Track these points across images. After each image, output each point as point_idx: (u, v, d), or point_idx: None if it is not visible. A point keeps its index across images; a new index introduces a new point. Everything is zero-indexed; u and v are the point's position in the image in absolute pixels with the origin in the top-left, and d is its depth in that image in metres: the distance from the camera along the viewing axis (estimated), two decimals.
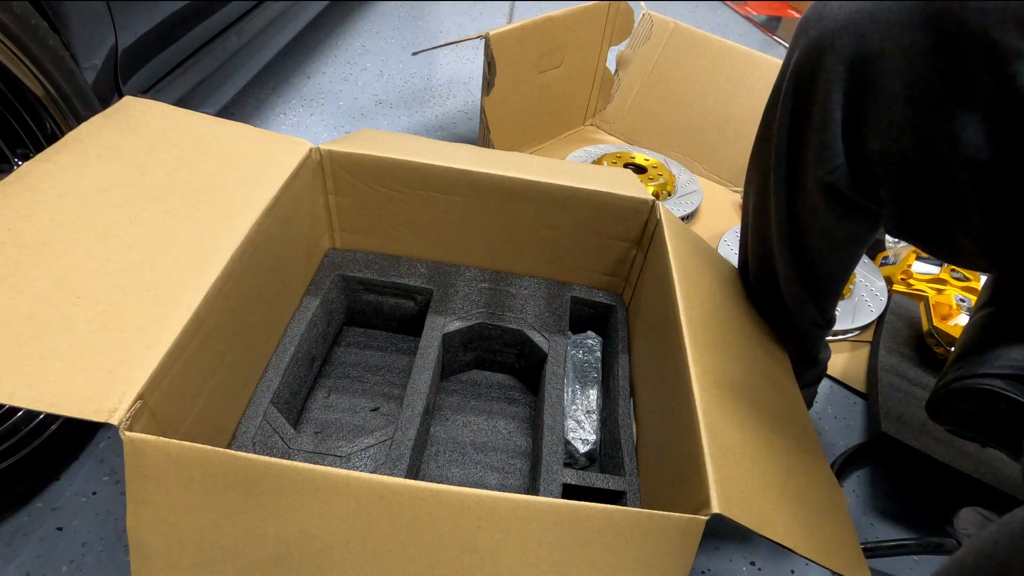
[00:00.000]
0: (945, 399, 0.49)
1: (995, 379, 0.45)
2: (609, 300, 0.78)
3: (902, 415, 0.80)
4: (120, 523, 0.63)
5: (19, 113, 0.60)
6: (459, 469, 0.68)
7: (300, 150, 0.65)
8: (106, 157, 0.55)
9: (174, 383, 0.45)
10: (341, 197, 0.72)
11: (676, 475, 0.51)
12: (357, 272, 0.75)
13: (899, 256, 1.08)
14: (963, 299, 0.96)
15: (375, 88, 1.48)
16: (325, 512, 0.40)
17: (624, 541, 0.41)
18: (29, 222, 0.47)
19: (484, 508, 0.40)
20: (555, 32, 1.12)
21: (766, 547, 0.72)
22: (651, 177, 1.16)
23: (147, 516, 0.40)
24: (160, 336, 0.44)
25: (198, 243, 0.51)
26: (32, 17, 0.57)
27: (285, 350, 0.65)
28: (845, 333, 0.98)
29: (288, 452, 0.57)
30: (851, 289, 1.02)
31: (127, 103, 0.62)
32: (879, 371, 0.88)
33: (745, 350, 0.63)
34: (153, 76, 0.83)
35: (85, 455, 0.68)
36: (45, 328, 0.42)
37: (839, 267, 0.63)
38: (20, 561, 0.59)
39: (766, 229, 0.63)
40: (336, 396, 0.73)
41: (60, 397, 0.38)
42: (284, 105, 1.37)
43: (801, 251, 0.61)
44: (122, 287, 0.46)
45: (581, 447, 0.67)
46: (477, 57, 1.68)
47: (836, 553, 0.47)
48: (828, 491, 0.55)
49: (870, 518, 0.78)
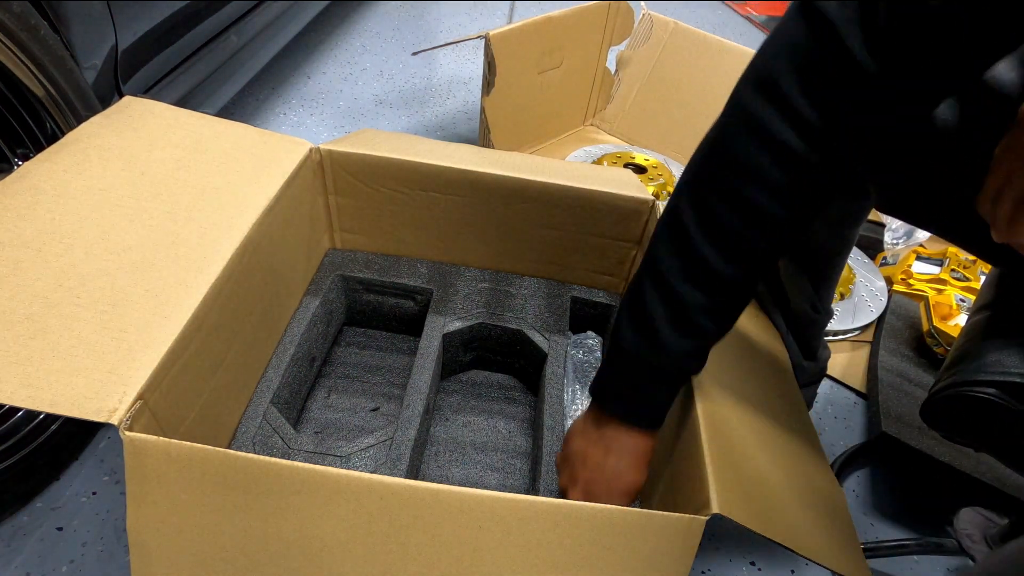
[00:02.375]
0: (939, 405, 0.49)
1: (989, 387, 0.45)
2: (609, 300, 0.78)
3: (902, 415, 0.80)
4: (120, 523, 0.63)
5: (19, 113, 0.60)
6: (459, 469, 0.68)
7: (300, 150, 0.65)
8: (106, 157, 0.55)
9: (174, 383, 0.45)
10: (341, 197, 0.72)
11: (676, 475, 0.51)
12: (357, 272, 0.75)
13: (899, 256, 1.08)
14: (963, 299, 0.96)
15: (375, 88, 1.48)
16: (325, 512, 0.40)
17: (624, 541, 0.41)
18: (29, 222, 0.47)
19: (484, 508, 0.40)
20: (555, 32, 1.12)
21: (766, 547, 0.72)
22: (651, 177, 1.16)
23: (147, 516, 0.40)
24: (160, 336, 0.44)
25: (198, 243, 0.51)
26: (32, 17, 0.57)
27: (285, 350, 0.65)
28: (845, 333, 0.98)
29: (288, 452, 0.57)
30: (851, 289, 1.02)
31: (127, 103, 0.62)
32: (879, 371, 0.88)
33: (745, 350, 0.63)
34: (153, 76, 0.83)
35: (85, 455, 0.68)
36: (45, 328, 0.42)
37: (835, 247, 0.64)
38: (20, 561, 0.59)
39: None
40: (336, 396, 0.73)
41: (60, 397, 0.38)
42: (284, 105, 1.37)
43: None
44: (122, 287, 0.46)
45: None
46: (477, 57, 1.68)
47: (836, 553, 0.47)
48: (828, 491, 0.55)
49: (870, 518, 0.78)
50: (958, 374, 0.48)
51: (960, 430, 0.50)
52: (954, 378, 0.48)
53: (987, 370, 0.46)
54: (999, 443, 0.49)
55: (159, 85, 0.84)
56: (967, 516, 0.65)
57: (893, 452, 0.78)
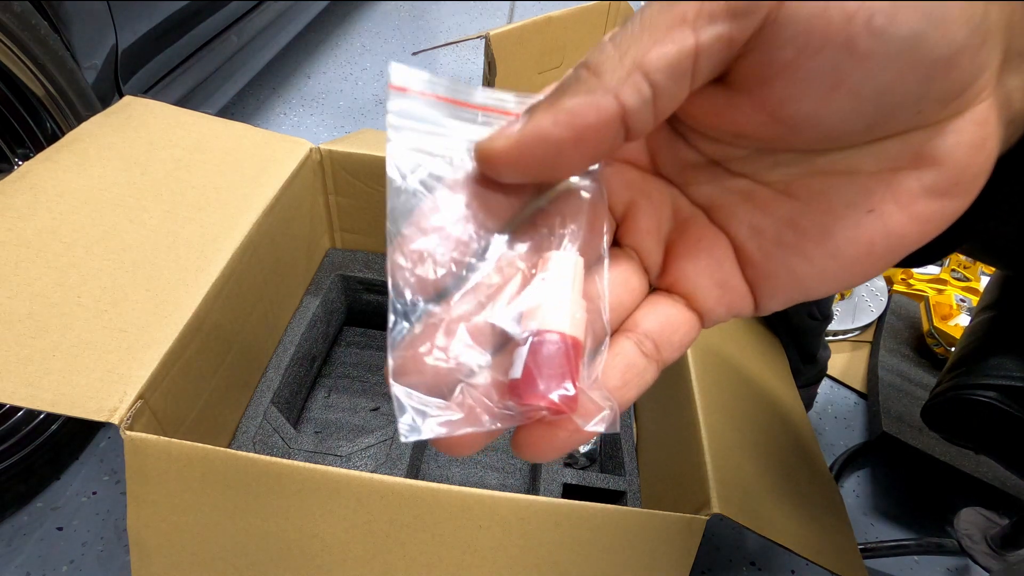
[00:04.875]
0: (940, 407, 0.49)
1: (990, 390, 0.45)
2: None
3: (902, 415, 0.80)
4: (120, 523, 0.63)
5: (20, 113, 0.60)
6: (459, 469, 0.68)
7: (300, 150, 0.65)
8: (106, 157, 0.55)
9: (175, 382, 0.45)
10: (341, 197, 0.72)
11: (676, 475, 0.51)
12: (357, 272, 0.75)
13: None
14: (963, 299, 0.96)
15: (375, 88, 1.48)
16: (325, 512, 0.40)
17: (624, 541, 0.41)
18: (29, 222, 0.47)
19: (484, 508, 0.40)
20: (555, 32, 1.12)
21: (766, 547, 0.72)
22: None
23: (148, 515, 0.40)
24: (160, 336, 0.44)
25: (198, 243, 0.51)
26: (33, 17, 0.57)
27: (285, 350, 0.65)
28: (845, 333, 0.98)
29: (288, 452, 0.57)
30: (851, 289, 1.02)
31: (127, 103, 0.62)
32: (879, 371, 0.88)
33: (745, 351, 0.63)
34: (153, 76, 0.83)
35: (85, 455, 0.68)
36: (45, 328, 0.42)
37: None
38: (20, 561, 0.59)
39: None
40: (336, 396, 0.73)
41: (60, 396, 0.38)
42: (284, 105, 1.37)
43: None
44: (122, 287, 0.46)
45: (581, 447, 0.67)
46: (477, 57, 1.68)
47: (835, 553, 0.47)
48: (826, 491, 0.55)
49: (870, 518, 0.78)
50: (959, 376, 0.47)
51: (961, 433, 0.50)
52: (955, 380, 0.48)
53: (988, 373, 0.46)
54: (1000, 446, 0.49)
55: (159, 85, 0.84)
56: (967, 516, 0.65)
57: (893, 452, 0.78)
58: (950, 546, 0.66)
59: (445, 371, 0.15)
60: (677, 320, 0.18)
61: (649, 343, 0.18)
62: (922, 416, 0.51)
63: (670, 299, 0.19)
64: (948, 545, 0.66)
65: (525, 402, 0.15)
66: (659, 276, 0.19)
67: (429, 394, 0.15)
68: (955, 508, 0.66)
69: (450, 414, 0.15)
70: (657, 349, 0.18)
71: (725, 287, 0.18)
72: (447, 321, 0.16)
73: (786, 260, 0.18)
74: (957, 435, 0.50)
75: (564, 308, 0.16)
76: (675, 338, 0.18)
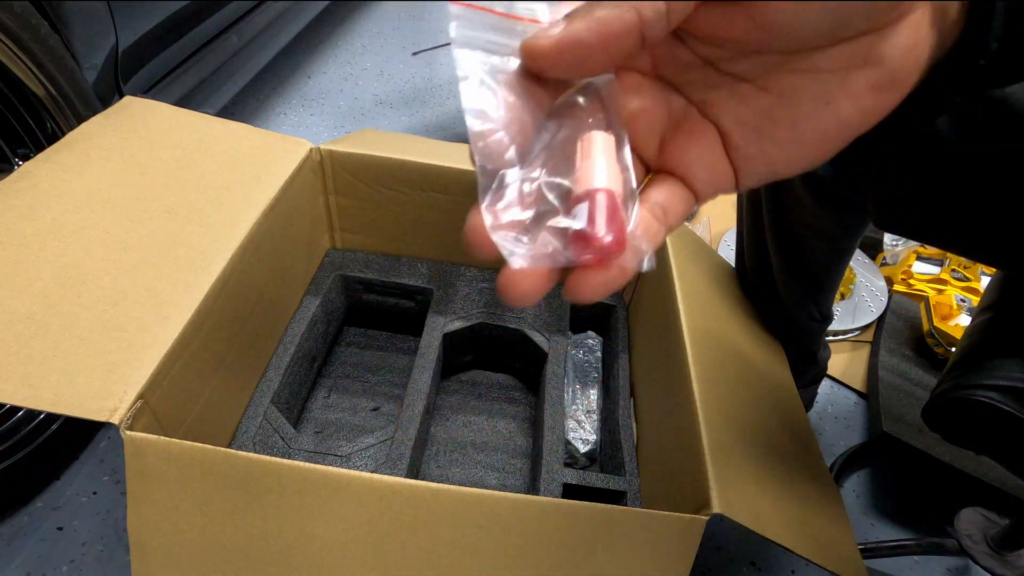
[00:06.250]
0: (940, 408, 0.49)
1: (991, 391, 0.45)
2: (609, 300, 0.78)
3: (902, 415, 0.80)
4: (120, 523, 0.63)
5: (20, 113, 0.60)
6: (459, 469, 0.68)
7: (300, 150, 0.65)
8: (106, 157, 0.55)
9: (175, 382, 0.45)
10: (341, 197, 0.72)
11: (676, 475, 0.51)
12: (357, 272, 0.75)
13: (899, 256, 1.08)
14: (963, 299, 0.96)
15: (375, 88, 1.48)
16: (325, 512, 0.40)
17: (624, 541, 0.41)
18: (29, 222, 0.47)
19: (484, 508, 0.40)
20: None
21: (766, 547, 0.72)
22: None
23: (148, 515, 0.40)
24: (161, 336, 0.44)
25: (198, 243, 0.51)
26: (33, 17, 0.57)
27: (285, 350, 0.65)
28: (845, 333, 0.98)
29: (288, 452, 0.57)
30: (851, 289, 1.02)
31: (127, 103, 0.62)
32: (879, 371, 0.88)
33: (745, 350, 0.63)
34: (153, 76, 0.83)
35: (85, 455, 0.68)
36: (45, 328, 0.42)
37: (831, 259, 0.63)
38: (20, 561, 0.59)
39: (760, 224, 0.63)
40: (336, 396, 0.73)
41: (60, 396, 0.38)
42: (284, 105, 1.37)
43: (793, 245, 0.62)
44: (122, 287, 0.46)
45: (581, 447, 0.67)
46: None
47: (834, 553, 0.47)
48: (826, 491, 0.55)
49: (870, 518, 0.78)
50: (960, 377, 0.47)
51: (961, 433, 0.50)
52: (956, 381, 0.48)
53: (989, 374, 0.46)
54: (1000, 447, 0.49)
55: (159, 85, 0.84)
56: (968, 516, 0.65)
57: (893, 452, 0.78)
58: (950, 546, 0.66)
59: (522, 223, 0.20)
60: (678, 195, 0.23)
61: (659, 210, 0.22)
62: (922, 416, 0.51)
63: (671, 179, 0.23)
64: (948, 545, 0.66)
65: (592, 244, 0.19)
66: (659, 160, 0.24)
67: (516, 240, 0.20)
68: (955, 508, 0.66)
69: (533, 250, 0.19)
70: (665, 215, 0.22)
71: (714, 169, 0.23)
72: (521, 183, 0.20)
73: (762, 145, 0.22)
74: (957, 435, 0.50)
75: (611, 172, 0.20)
76: (678, 209, 0.23)
